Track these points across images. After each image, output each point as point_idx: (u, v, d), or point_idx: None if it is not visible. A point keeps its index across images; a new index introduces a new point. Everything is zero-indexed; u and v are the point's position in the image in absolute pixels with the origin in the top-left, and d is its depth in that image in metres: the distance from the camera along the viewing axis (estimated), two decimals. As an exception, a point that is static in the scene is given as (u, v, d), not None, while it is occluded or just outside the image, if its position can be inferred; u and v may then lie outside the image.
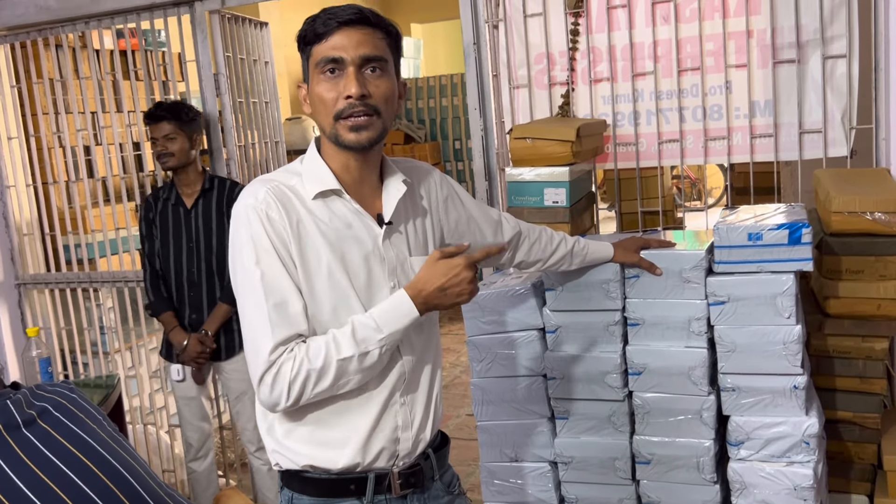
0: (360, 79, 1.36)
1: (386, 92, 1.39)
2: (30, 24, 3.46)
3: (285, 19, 6.10)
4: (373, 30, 1.38)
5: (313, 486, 1.45)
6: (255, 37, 3.59)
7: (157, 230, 3.02)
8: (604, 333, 2.01)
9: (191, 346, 2.95)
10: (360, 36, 1.37)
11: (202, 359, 2.98)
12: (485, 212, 1.70)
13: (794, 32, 2.48)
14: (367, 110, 1.37)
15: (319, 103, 1.39)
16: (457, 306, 1.45)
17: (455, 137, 6.74)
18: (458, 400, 4.53)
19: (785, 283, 1.86)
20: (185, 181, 2.99)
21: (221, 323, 2.97)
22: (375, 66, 1.38)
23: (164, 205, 3.02)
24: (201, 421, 3.13)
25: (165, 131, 2.94)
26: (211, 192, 3.00)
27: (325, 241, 1.39)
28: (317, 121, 1.42)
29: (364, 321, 1.37)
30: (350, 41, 1.36)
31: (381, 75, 1.39)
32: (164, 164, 2.97)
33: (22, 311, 3.75)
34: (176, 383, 3.07)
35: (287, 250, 1.37)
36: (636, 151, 2.70)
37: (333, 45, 1.36)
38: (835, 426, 2.13)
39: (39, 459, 1.34)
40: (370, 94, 1.37)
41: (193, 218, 2.98)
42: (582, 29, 2.70)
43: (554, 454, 2.09)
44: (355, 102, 1.36)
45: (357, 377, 1.37)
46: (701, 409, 1.95)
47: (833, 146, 2.51)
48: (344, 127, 1.38)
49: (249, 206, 1.38)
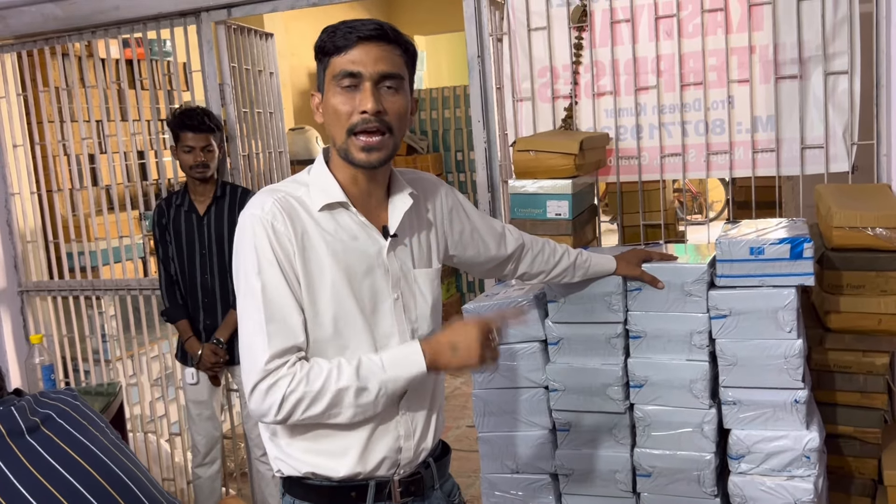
0: (377, 95, 1.37)
1: (400, 109, 1.40)
2: (37, 32, 3.49)
3: (290, 30, 6.13)
4: (391, 46, 1.39)
5: (315, 493, 1.45)
6: (261, 47, 3.61)
7: (170, 236, 3.04)
8: (605, 346, 2.02)
9: (205, 356, 2.99)
10: (379, 52, 1.37)
11: (216, 368, 3.03)
12: (489, 224, 1.71)
13: (797, 48, 2.50)
14: (380, 127, 1.38)
15: (333, 115, 1.40)
16: (466, 371, 1.43)
17: (457, 149, 6.76)
18: (458, 411, 4.53)
19: (786, 297, 1.87)
20: (201, 189, 3.01)
21: (234, 329, 2.99)
22: (392, 83, 1.39)
23: (176, 211, 3.03)
24: (211, 427, 3.15)
25: (205, 142, 2.94)
26: (223, 200, 3.01)
27: (329, 253, 1.40)
28: (329, 132, 1.43)
29: (371, 359, 1.38)
30: (369, 56, 1.37)
31: (397, 92, 1.40)
32: (199, 175, 2.95)
33: (24, 318, 3.76)
34: (189, 387, 3.10)
35: (290, 263, 1.37)
36: (639, 165, 2.71)
37: (352, 59, 1.37)
38: (835, 441, 2.13)
39: (42, 466, 1.35)
40: (385, 110, 1.38)
41: (206, 225, 3.00)
42: (585, 43, 2.72)
43: (555, 466, 2.09)
44: (370, 118, 1.36)
45: (350, 412, 1.36)
46: (702, 423, 1.95)
47: (834, 162, 2.52)
48: (356, 146, 1.39)
49: (256, 216, 1.38)
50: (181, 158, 2.97)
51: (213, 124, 2.98)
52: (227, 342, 3.00)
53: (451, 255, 1.65)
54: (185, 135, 2.94)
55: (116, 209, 3.62)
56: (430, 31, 8.41)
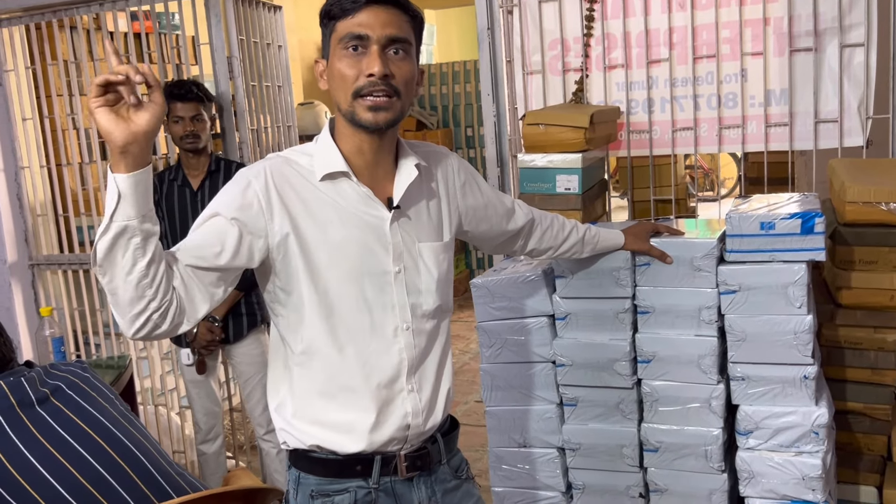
0: (384, 58, 1.35)
1: (407, 74, 1.38)
2: (45, 5, 3.47)
3: (299, 4, 6.09)
4: (400, 11, 1.38)
5: (320, 466, 1.46)
6: (269, 20, 3.59)
7: (162, 211, 3.00)
8: (614, 321, 2.01)
9: (200, 334, 2.97)
10: (387, 16, 1.36)
11: (212, 346, 3.01)
12: (500, 198, 1.70)
13: (812, 20, 2.46)
14: (387, 90, 1.36)
15: (339, 79, 1.38)
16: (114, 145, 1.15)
17: (467, 124, 6.72)
18: (466, 386, 4.55)
19: (797, 272, 1.85)
20: (194, 163, 2.98)
21: (230, 307, 2.99)
22: (399, 48, 1.37)
23: (170, 186, 3.01)
24: (211, 404, 3.15)
25: (195, 111, 2.91)
26: (218, 174, 2.98)
27: (329, 221, 1.39)
28: (334, 97, 1.41)
29: None
30: (377, 20, 1.35)
31: (404, 57, 1.38)
32: (190, 145, 2.91)
33: (35, 291, 3.78)
34: (186, 367, 3.09)
35: (250, 217, 1.34)
36: (650, 139, 2.68)
37: (360, 22, 1.35)
38: (845, 417, 2.12)
39: (52, 436, 1.36)
40: (392, 74, 1.36)
41: (200, 199, 2.97)
42: (597, 15, 2.69)
43: (562, 440, 2.10)
44: (377, 81, 1.35)
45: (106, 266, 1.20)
46: (710, 398, 1.95)
47: (849, 136, 2.49)
48: (362, 106, 1.36)
49: (242, 172, 1.41)
50: (172, 130, 2.94)
51: (203, 94, 2.93)
52: (222, 320, 2.98)
53: (465, 230, 1.63)
54: (174, 105, 2.90)
55: (126, 183, 3.61)
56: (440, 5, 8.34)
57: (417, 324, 1.47)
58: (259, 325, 3.09)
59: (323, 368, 1.42)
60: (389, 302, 1.44)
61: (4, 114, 3.66)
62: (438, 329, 1.52)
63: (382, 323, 1.44)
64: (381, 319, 1.44)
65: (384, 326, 1.44)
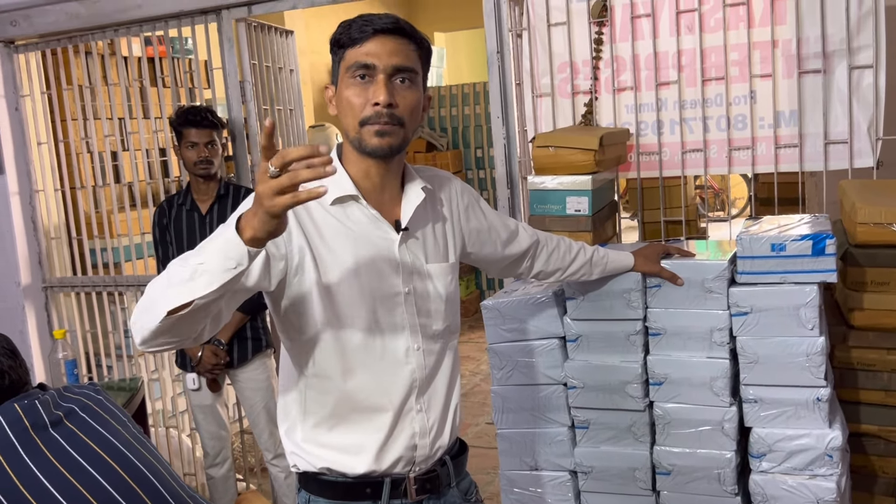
0: (390, 88, 1.37)
1: (412, 103, 1.41)
2: (60, 31, 3.52)
3: (310, 27, 6.16)
4: (407, 41, 1.40)
5: (330, 489, 1.46)
6: (281, 45, 3.63)
7: (171, 235, 3.02)
8: (625, 343, 2.01)
9: (205, 357, 2.97)
10: (394, 45, 1.38)
11: (217, 370, 3.00)
12: (503, 221, 1.71)
13: (820, 42, 2.47)
14: (391, 120, 1.38)
15: (347, 107, 1.40)
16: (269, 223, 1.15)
17: (477, 146, 6.75)
18: (477, 408, 4.53)
19: (808, 294, 1.85)
20: (204, 188, 3.00)
21: (234, 331, 2.99)
22: (405, 77, 1.39)
23: (178, 210, 3.03)
24: (218, 428, 3.15)
25: (209, 138, 2.94)
26: (227, 198, 3.00)
27: (339, 244, 1.41)
28: (342, 123, 1.44)
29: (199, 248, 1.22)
30: (384, 49, 1.37)
31: (410, 87, 1.40)
32: (203, 171, 2.94)
33: (48, 313, 3.81)
34: (192, 392, 3.08)
35: (273, 244, 1.33)
36: (659, 160, 2.69)
37: (367, 52, 1.37)
38: (859, 439, 2.10)
39: (65, 459, 1.37)
40: (397, 104, 1.38)
41: (209, 223, 2.99)
42: (606, 38, 2.70)
43: (574, 463, 2.08)
44: (382, 111, 1.37)
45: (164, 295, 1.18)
46: (722, 421, 1.93)
47: (859, 157, 2.48)
48: (369, 132, 1.39)
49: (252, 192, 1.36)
50: (185, 155, 2.97)
51: (216, 121, 2.98)
52: (227, 343, 2.99)
53: (469, 252, 1.64)
54: (188, 131, 2.94)
55: (139, 206, 3.65)
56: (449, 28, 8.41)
57: (427, 344, 1.47)
58: (264, 350, 3.09)
59: (334, 390, 1.43)
60: (400, 323, 1.45)
61: (20, 138, 3.71)
62: (446, 349, 1.53)
63: (394, 345, 1.45)
64: (393, 341, 1.44)
65: (395, 348, 1.45)
